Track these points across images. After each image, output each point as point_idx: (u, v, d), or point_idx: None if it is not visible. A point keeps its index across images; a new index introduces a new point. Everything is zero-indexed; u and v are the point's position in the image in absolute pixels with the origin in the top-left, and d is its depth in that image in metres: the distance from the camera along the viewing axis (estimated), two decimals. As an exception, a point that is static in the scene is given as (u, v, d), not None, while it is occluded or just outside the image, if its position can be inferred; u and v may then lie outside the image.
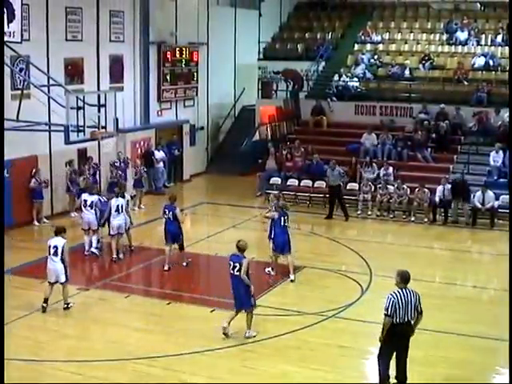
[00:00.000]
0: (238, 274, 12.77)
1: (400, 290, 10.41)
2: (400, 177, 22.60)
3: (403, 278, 10.45)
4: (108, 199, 17.87)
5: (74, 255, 15.57)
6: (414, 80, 27.68)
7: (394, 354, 10.57)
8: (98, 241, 17.98)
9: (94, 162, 22.51)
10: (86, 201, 17.66)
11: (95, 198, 17.72)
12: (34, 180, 20.37)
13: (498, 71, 27.22)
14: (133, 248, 18.28)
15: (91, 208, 17.53)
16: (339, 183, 22.16)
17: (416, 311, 10.45)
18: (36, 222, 20.55)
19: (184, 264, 17.08)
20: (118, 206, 17.34)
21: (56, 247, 13.86)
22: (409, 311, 10.36)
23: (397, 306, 10.28)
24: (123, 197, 17.81)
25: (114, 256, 17.42)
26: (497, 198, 21.23)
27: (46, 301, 13.96)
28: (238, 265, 12.76)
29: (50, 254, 13.93)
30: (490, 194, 21.10)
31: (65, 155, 21.08)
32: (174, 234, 16.77)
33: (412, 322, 10.50)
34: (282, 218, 16.13)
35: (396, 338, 10.43)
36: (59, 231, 14.10)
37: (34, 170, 20.46)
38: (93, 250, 17.74)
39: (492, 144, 23.41)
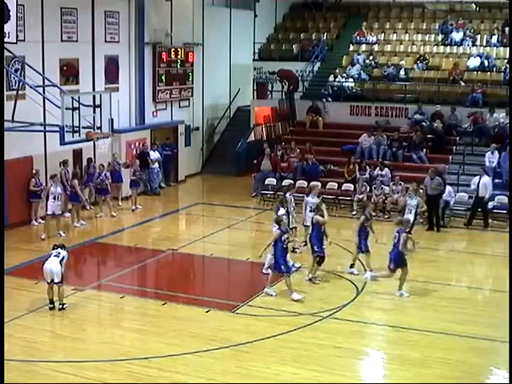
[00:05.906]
0: None
1: None
2: (396, 177, 22.56)
3: None
4: None
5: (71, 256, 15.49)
6: (410, 81, 27.72)
7: None
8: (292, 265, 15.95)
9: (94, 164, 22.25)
10: (52, 192, 19.23)
11: (59, 188, 19.39)
12: (33, 180, 20.34)
13: (493, 72, 27.30)
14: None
15: (56, 199, 19.29)
16: (437, 193, 21.02)
17: None
18: (34, 222, 20.55)
19: None
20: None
21: (59, 253, 14.15)
22: None
23: None
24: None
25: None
26: (492, 199, 21.23)
27: (51, 302, 14.06)
28: None
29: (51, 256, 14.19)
30: (486, 178, 20.92)
31: (60, 156, 21.03)
32: None
33: None
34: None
35: None
36: (61, 246, 14.41)
37: (34, 171, 20.42)
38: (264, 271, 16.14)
39: (487, 145, 23.45)
